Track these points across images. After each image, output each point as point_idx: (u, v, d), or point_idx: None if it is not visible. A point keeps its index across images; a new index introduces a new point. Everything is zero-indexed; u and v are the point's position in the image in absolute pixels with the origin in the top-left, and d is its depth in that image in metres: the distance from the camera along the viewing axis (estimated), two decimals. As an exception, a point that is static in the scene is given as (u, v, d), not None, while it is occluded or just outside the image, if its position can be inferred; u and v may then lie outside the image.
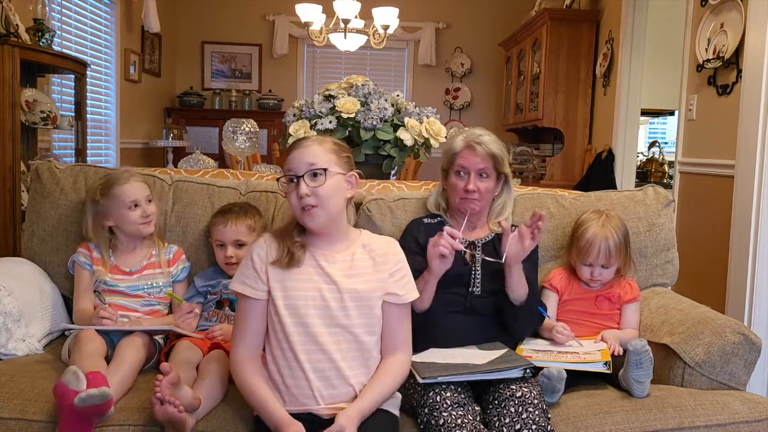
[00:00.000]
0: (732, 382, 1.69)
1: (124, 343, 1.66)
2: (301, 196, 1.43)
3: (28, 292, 1.82)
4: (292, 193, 1.45)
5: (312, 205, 1.43)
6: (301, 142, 1.49)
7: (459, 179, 1.81)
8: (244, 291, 1.46)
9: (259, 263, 1.47)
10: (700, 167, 3.26)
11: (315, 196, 1.43)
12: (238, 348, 1.46)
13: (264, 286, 1.46)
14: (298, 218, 1.48)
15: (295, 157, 1.46)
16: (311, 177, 1.43)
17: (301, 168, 1.44)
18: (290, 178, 1.45)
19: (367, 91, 2.50)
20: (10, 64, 2.85)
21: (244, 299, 1.47)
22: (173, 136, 5.76)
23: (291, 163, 1.46)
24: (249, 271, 1.47)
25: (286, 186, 1.47)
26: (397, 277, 1.52)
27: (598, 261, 1.87)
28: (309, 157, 1.45)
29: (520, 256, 1.69)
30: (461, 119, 6.78)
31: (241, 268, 1.50)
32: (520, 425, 1.43)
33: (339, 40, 4.67)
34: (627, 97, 4.39)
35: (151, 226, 1.92)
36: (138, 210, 1.88)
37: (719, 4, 3.07)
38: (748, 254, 2.73)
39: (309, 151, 1.46)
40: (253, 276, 1.46)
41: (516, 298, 1.73)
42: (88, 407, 1.35)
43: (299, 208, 1.44)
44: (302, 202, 1.43)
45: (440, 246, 1.61)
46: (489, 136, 1.82)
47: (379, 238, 1.59)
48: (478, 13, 6.68)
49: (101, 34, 4.91)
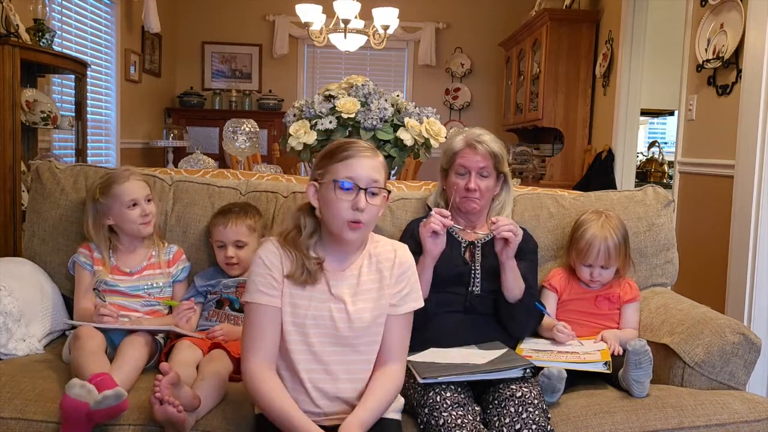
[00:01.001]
0: (732, 382, 1.69)
1: (126, 342, 1.66)
2: (358, 209, 1.34)
3: (28, 292, 1.82)
4: (344, 201, 1.34)
5: (363, 221, 1.35)
6: (365, 151, 1.38)
7: (459, 178, 1.81)
8: (262, 300, 1.37)
9: (273, 271, 1.39)
10: (699, 167, 3.26)
11: (368, 212, 1.36)
12: (253, 358, 1.36)
13: (279, 293, 1.38)
14: (337, 227, 1.37)
15: (359, 165, 1.35)
16: (371, 194, 1.36)
17: (363, 180, 1.35)
18: (345, 185, 1.34)
19: (367, 91, 2.50)
20: (11, 64, 2.85)
21: (258, 307, 1.38)
22: (173, 136, 5.76)
23: (353, 170, 1.35)
24: (263, 279, 1.38)
25: (333, 191, 1.35)
26: (404, 291, 1.46)
27: (598, 262, 1.87)
28: (374, 172, 1.37)
29: (507, 254, 1.70)
30: (461, 119, 6.78)
31: (253, 276, 1.39)
32: (520, 425, 1.43)
33: (339, 41, 4.67)
34: (627, 97, 4.39)
35: (150, 226, 1.91)
36: (137, 209, 1.87)
37: (719, 4, 3.07)
38: (748, 254, 2.73)
39: (374, 164, 1.37)
40: (269, 284, 1.38)
41: (511, 297, 1.74)
42: (104, 409, 1.36)
43: (347, 219, 1.35)
44: (355, 216, 1.34)
45: (431, 223, 1.64)
46: (489, 135, 1.83)
47: (386, 243, 1.50)
48: (478, 13, 6.68)
49: (101, 34, 4.91)
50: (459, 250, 1.84)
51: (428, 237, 1.66)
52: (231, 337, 1.77)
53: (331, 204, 1.36)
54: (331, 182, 1.35)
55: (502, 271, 1.73)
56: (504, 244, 1.70)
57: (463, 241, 1.85)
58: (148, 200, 1.90)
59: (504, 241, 1.69)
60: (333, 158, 1.38)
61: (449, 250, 1.79)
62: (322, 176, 1.39)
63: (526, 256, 1.84)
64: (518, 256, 1.78)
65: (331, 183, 1.36)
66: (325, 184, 1.37)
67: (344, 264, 1.44)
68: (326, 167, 1.38)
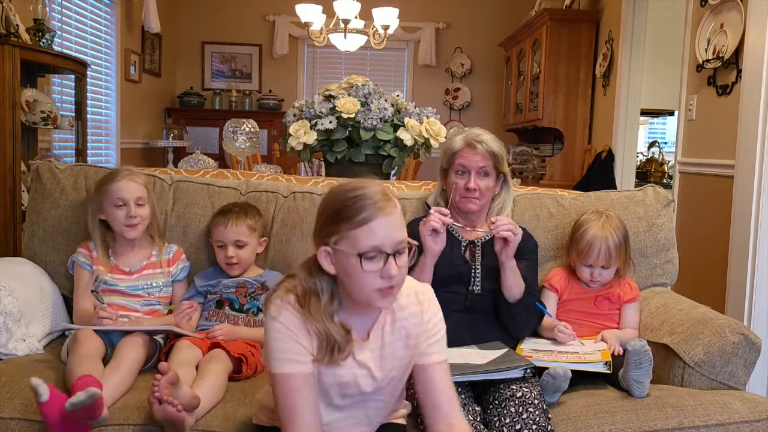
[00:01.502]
0: (732, 382, 1.69)
1: (123, 343, 1.66)
2: (392, 277, 1.17)
3: (28, 292, 1.82)
4: (372, 273, 1.16)
5: (395, 285, 1.19)
6: (383, 205, 1.17)
7: (459, 178, 1.81)
8: (295, 369, 1.20)
9: (299, 336, 1.20)
10: (699, 167, 3.26)
11: (400, 275, 1.19)
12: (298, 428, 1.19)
13: (310, 359, 1.21)
14: (365, 297, 1.19)
15: (382, 228, 1.16)
16: (400, 254, 1.19)
17: (390, 245, 1.16)
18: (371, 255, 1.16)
19: (367, 91, 2.50)
20: (11, 64, 2.85)
21: (291, 377, 1.20)
22: (173, 136, 5.76)
23: (376, 237, 1.15)
24: (290, 345, 1.20)
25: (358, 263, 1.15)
26: (436, 337, 1.30)
27: (599, 262, 1.87)
28: (399, 230, 1.18)
29: (506, 253, 1.71)
30: (461, 119, 6.78)
31: (278, 344, 1.21)
32: (521, 425, 1.43)
33: (339, 41, 4.67)
34: (627, 97, 4.39)
35: (135, 230, 1.87)
36: (123, 209, 1.85)
37: (719, 4, 3.07)
38: (748, 254, 2.73)
39: (396, 220, 1.18)
40: (298, 350, 1.20)
41: (511, 297, 1.74)
42: (78, 410, 1.34)
43: (377, 288, 1.17)
44: (387, 283, 1.17)
45: (431, 221, 1.65)
46: (488, 135, 1.83)
47: (408, 293, 1.29)
48: (478, 13, 6.68)
49: (101, 34, 4.91)
50: (459, 250, 1.84)
51: (428, 235, 1.67)
52: (231, 337, 1.77)
53: (356, 276, 1.17)
54: (355, 255, 1.16)
55: (502, 271, 1.74)
56: (503, 243, 1.70)
57: (464, 240, 1.85)
58: (139, 203, 1.88)
59: (503, 240, 1.70)
60: (347, 221, 1.17)
61: (449, 250, 1.79)
62: (336, 242, 1.18)
63: (526, 256, 1.84)
64: (518, 255, 1.78)
65: (353, 256, 1.16)
66: (343, 253, 1.18)
67: (366, 327, 1.27)
68: (341, 232, 1.17)
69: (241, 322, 1.86)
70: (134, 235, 1.88)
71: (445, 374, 1.29)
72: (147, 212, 1.90)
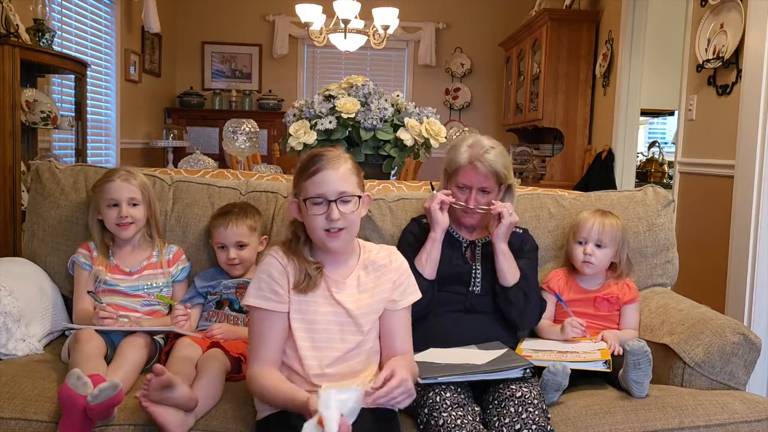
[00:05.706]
0: (732, 382, 1.69)
1: (125, 343, 1.66)
2: (332, 220, 1.40)
3: (28, 292, 1.82)
4: (318, 216, 1.41)
5: (340, 228, 1.42)
6: (330, 163, 1.43)
7: (460, 192, 1.81)
8: (267, 305, 1.42)
9: (278, 278, 1.44)
10: (699, 167, 3.26)
11: (344, 219, 1.42)
12: (256, 361, 1.42)
13: (287, 299, 1.44)
14: (318, 239, 1.45)
15: (325, 180, 1.41)
16: (343, 202, 1.42)
17: (331, 194, 1.41)
18: (316, 202, 1.41)
19: (367, 91, 2.50)
20: (11, 64, 2.85)
21: (262, 313, 1.43)
22: (173, 136, 5.76)
23: (319, 187, 1.41)
24: (268, 285, 1.43)
25: (306, 207, 1.43)
26: (400, 288, 1.53)
27: (591, 235, 1.88)
28: (340, 183, 1.42)
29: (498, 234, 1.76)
30: (461, 119, 6.78)
31: (258, 282, 1.44)
32: (520, 425, 1.43)
33: (339, 41, 4.66)
34: (627, 97, 4.39)
35: (127, 230, 1.88)
36: (115, 210, 1.86)
37: (719, 4, 3.07)
38: (748, 254, 2.73)
39: (340, 175, 1.42)
40: (274, 290, 1.43)
41: (504, 281, 1.77)
42: (102, 402, 1.35)
43: (324, 229, 1.42)
44: (331, 225, 1.41)
45: (439, 196, 1.76)
46: (494, 150, 1.79)
47: (379, 250, 1.57)
48: (478, 13, 6.68)
49: (101, 35, 4.91)
50: (460, 250, 1.84)
51: (437, 211, 1.75)
52: (229, 336, 1.77)
53: (308, 220, 1.44)
54: (306, 201, 1.42)
55: (495, 256, 1.77)
56: (497, 221, 1.75)
57: (464, 240, 1.85)
58: (132, 204, 1.88)
59: (498, 217, 1.75)
60: (303, 175, 1.44)
61: (450, 250, 1.79)
62: (297, 194, 1.46)
63: (526, 254, 1.85)
64: (518, 254, 1.80)
65: (305, 202, 1.43)
66: (301, 201, 1.44)
67: (343, 274, 1.50)
68: (300, 184, 1.45)
69: (240, 323, 1.86)
70: (126, 235, 1.89)
71: (406, 320, 1.53)
72: (141, 213, 1.90)
